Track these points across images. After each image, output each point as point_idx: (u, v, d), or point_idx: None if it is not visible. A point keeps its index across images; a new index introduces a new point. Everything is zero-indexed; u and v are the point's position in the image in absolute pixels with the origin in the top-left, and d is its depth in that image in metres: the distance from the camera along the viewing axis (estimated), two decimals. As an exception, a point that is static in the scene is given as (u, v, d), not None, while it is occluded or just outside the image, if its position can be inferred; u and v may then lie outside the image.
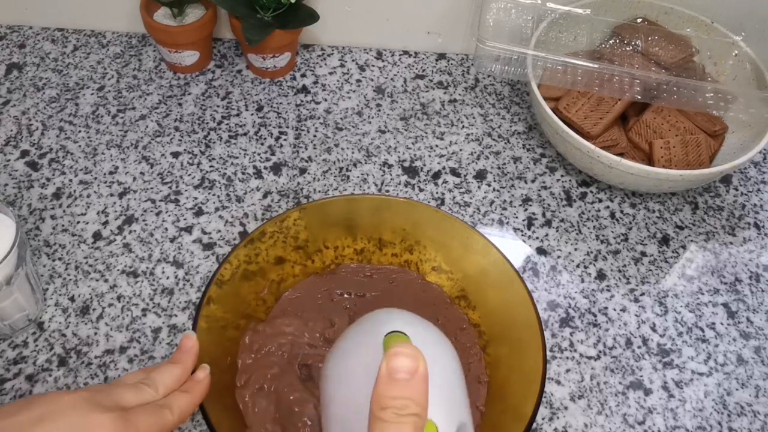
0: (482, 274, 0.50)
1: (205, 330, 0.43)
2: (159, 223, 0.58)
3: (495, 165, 0.65)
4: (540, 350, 0.43)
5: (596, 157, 0.58)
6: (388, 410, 0.29)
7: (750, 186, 0.66)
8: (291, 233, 0.50)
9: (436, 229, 0.51)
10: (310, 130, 0.66)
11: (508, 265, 0.48)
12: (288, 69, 0.71)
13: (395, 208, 0.51)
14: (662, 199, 0.64)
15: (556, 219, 0.61)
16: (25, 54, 0.71)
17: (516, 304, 0.47)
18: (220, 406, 0.42)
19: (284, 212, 0.50)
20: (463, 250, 0.50)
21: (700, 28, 0.67)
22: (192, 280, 0.55)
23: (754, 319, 0.56)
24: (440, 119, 0.68)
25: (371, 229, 0.52)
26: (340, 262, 0.53)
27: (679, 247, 0.60)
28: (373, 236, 0.53)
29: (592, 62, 0.61)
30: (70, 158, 0.62)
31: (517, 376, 0.45)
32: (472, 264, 0.50)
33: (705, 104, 0.61)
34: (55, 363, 0.50)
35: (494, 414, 0.45)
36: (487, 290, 0.50)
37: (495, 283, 0.49)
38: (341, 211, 0.51)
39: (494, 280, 0.49)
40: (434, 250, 0.52)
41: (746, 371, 0.53)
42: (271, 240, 0.50)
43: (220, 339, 0.45)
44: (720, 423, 0.50)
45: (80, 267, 0.55)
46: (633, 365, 0.53)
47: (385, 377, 0.29)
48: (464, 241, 0.50)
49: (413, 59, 0.74)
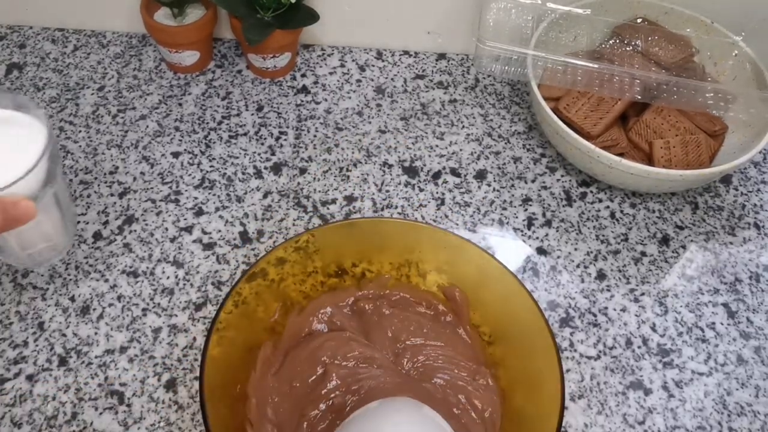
0: (481, 286, 0.49)
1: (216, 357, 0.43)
2: (159, 223, 0.58)
3: (495, 165, 0.65)
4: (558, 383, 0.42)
5: (596, 157, 0.58)
6: None
7: (750, 186, 0.66)
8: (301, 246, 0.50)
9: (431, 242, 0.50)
10: (310, 130, 0.66)
11: (510, 276, 0.47)
12: (288, 69, 0.71)
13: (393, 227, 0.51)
14: (662, 199, 0.64)
15: (556, 219, 0.61)
16: (25, 54, 0.71)
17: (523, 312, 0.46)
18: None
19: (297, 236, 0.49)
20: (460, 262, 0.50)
21: (700, 28, 0.67)
22: (192, 280, 0.55)
23: (754, 319, 0.56)
24: (440, 119, 0.68)
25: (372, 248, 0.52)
26: (342, 274, 0.53)
27: (679, 247, 0.60)
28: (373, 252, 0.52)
29: (592, 62, 0.61)
30: (71, 158, 0.62)
31: (532, 406, 0.44)
32: (468, 275, 0.50)
33: (705, 104, 0.61)
34: (55, 363, 0.50)
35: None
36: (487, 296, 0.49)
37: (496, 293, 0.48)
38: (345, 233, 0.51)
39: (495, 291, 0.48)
40: (437, 274, 0.51)
41: (746, 371, 0.53)
42: (270, 240, 0.49)
43: (230, 366, 0.45)
44: (720, 423, 0.50)
45: (80, 267, 0.55)
46: (633, 365, 0.53)
47: None
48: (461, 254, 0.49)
49: (413, 59, 0.74)
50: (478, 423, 0.45)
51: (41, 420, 0.47)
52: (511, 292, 0.47)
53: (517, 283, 0.47)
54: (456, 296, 0.51)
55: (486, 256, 0.48)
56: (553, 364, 0.43)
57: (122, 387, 0.49)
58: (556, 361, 0.43)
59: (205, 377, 0.40)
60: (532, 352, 0.46)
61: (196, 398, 0.49)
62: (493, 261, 0.48)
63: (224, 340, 0.44)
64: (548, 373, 0.43)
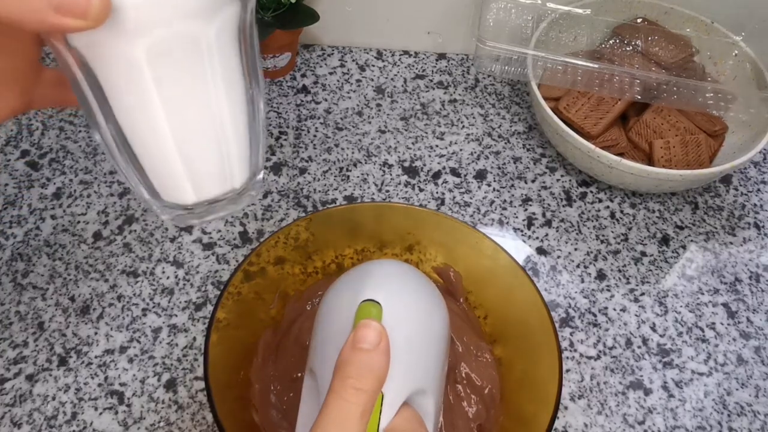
0: (488, 275, 0.49)
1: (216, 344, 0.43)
2: (159, 223, 0.58)
3: (495, 165, 0.65)
4: (555, 360, 0.43)
5: (596, 157, 0.58)
6: (347, 382, 0.30)
7: (750, 186, 0.66)
8: (292, 234, 0.50)
9: (437, 231, 0.51)
10: (310, 130, 0.66)
11: (517, 268, 0.47)
12: (288, 69, 0.71)
13: (397, 212, 0.51)
14: (662, 199, 0.64)
15: (556, 219, 0.61)
16: (25, 54, 0.71)
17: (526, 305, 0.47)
18: (235, 420, 0.42)
19: (291, 223, 0.50)
20: (467, 251, 0.50)
21: (700, 28, 0.67)
22: (192, 280, 0.55)
23: (754, 319, 0.56)
24: (440, 119, 0.68)
25: (372, 233, 0.52)
26: (341, 261, 0.53)
27: (679, 247, 0.60)
28: (373, 237, 0.53)
29: (592, 62, 0.61)
30: (71, 158, 0.62)
31: (529, 384, 0.45)
32: (476, 265, 0.50)
33: (705, 104, 0.61)
34: (55, 363, 0.50)
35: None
36: (491, 290, 0.50)
37: (502, 284, 0.49)
38: (344, 218, 0.51)
39: (501, 281, 0.48)
40: (435, 250, 0.52)
41: (746, 371, 0.53)
42: (272, 241, 0.50)
43: (231, 354, 0.45)
44: (720, 423, 0.50)
45: (80, 267, 0.55)
46: (633, 365, 0.53)
47: (349, 345, 0.32)
48: (469, 243, 0.50)
49: (413, 59, 0.74)
50: (476, 399, 0.47)
51: (41, 420, 0.47)
52: (502, 266, 0.48)
53: (507, 258, 0.48)
54: (451, 276, 0.51)
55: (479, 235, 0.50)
56: (551, 339, 0.44)
57: (122, 387, 0.49)
58: (553, 336, 0.44)
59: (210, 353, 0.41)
60: (528, 328, 0.47)
61: (196, 398, 0.49)
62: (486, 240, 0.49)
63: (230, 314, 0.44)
64: (546, 351, 0.44)
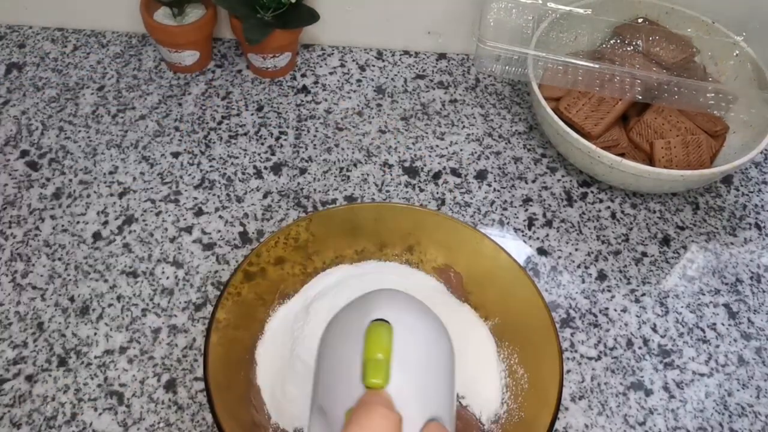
0: (489, 275, 0.50)
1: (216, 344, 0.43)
2: (159, 223, 0.58)
3: (495, 165, 0.65)
4: (557, 360, 0.43)
5: (597, 157, 0.58)
6: None
7: (751, 186, 0.66)
8: (292, 234, 0.50)
9: (437, 231, 0.51)
10: (310, 130, 0.66)
11: (518, 268, 0.48)
12: (288, 69, 0.71)
13: (397, 212, 0.51)
14: (663, 200, 0.64)
15: (557, 219, 0.61)
16: (24, 54, 0.71)
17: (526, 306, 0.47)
18: (235, 421, 0.42)
19: (291, 223, 0.50)
20: (467, 252, 0.50)
21: (701, 28, 0.67)
22: (192, 280, 0.55)
23: (755, 319, 0.56)
24: (441, 119, 0.68)
25: (372, 233, 0.52)
26: (340, 261, 0.53)
27: (680, 247, 0.60)
28: (373, 237, 0.53)
29: (593, 62, 0.61)
30: (70, 158, 0.62)
31: (530, 384, 0.45)
32: (476, 265, 0.50)
33: (706, 104, 0.61)
34: (55, 363, 0.50)
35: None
36: (492, 291, 0.50)
37: (502, 285, 0.49)
38: (344, 218, 0.51)
39: (502, 282, 0.49)
40: (435, 251, 0.52)
41: (747, 372, 0.53)
42: (272, 241, 0.50)
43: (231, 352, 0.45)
44: (721, 424, 0.50)
45: (80, 267, 0.55)
46: (634, 366, 0.53)
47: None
48: (470, 244, 0.50)
49: (414, 59, 0.74)
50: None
51: (40, 420, 0.47)
52: (502, 267, 0.49)
53: (508, 258, 0.48)
54: (451, 276, 0.52)
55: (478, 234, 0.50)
56: (551, 339, 0.44)
57: (122, 387, 0.49)
58: (553, 336, 0.44)
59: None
60: (529, 320, 0.47)
61: (196, 399, 0.49)
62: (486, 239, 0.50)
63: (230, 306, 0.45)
64: (547, 351, 0.45)
